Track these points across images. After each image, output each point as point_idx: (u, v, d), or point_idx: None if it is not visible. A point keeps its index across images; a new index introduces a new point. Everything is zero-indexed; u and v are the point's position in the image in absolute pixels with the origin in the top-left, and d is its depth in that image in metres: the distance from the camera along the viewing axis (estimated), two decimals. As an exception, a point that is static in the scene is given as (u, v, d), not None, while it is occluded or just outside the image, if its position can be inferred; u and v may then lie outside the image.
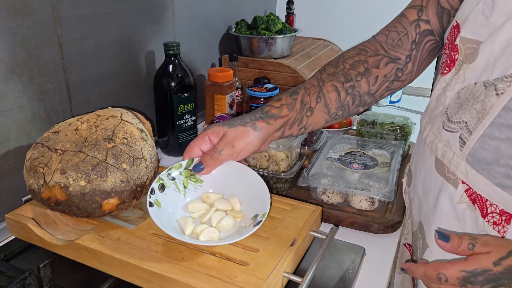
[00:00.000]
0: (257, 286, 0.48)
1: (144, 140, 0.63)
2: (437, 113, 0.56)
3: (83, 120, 0.63)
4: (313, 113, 0.62)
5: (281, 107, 0.60)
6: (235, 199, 0.59)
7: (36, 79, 0.75)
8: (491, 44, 0.47)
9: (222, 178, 0.59)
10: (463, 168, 0.50)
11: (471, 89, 0.49)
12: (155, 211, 0.53)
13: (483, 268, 0.41)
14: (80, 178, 0.56)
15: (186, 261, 0.51)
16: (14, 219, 0.61)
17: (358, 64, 0.63)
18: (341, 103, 0.63)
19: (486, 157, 0.47)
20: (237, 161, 0.58)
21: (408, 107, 1.33)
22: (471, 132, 0.48)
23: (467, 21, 0.51)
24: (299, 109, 0.61)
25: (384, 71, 0.64)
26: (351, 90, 0.63)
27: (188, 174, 0.59)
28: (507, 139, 0.45)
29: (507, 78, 0.44)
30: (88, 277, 0.58)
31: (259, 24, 1.25)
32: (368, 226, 0.71)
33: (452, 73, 0.54)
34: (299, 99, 0.61)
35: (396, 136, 0.93)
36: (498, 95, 0.45)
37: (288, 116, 0.60)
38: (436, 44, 0.63)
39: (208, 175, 0.59)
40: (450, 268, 0.42)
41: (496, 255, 0.41)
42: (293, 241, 0.56)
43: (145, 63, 1.00)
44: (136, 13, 0.95)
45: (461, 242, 0.43)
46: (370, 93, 0.64)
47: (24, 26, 0.71)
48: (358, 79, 0.63)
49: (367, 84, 0.63)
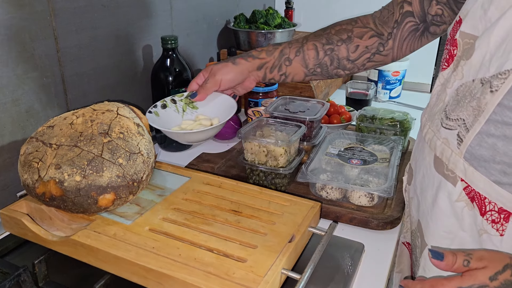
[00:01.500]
0: (255, 282, 0.47)
1: (140, 134, 0.62)
2: (437, 110, 0.56)
3: (78, 114, 0.62)
4: (291, 64, 0.72)
5: (261, 52, 0.73)
6: (216, 119, 0.75)
7: (31, 73, 0.74)
8: (487, 40, 0.47)
9: (211, 105, 0.76)
10: (462, 165, 0.50)
11: (468, 86, 0.49)
12: (152, 117, 0.71)
13: (480, 283, 0.41)
14: (75, 173, 0.55)
15: (183, 257, 0.51)
16: (8, 215, 0.60)
17: (343, 32, 0.71)
18: (319, 61, 0.72)
19: (483, 155, 0.47)
20: (223, 93, 0.76)
21: (408, 103, 1.32)
22: (468, 129, 0.48)
23: (468, 15, 0.51)
24: (277, 56, 0.72)
25: (367, 43, 0.71)
26: (330, 52, 0.71)
27: (188, 102, 0.77)
28: (503, 136, 0.45)
29: (501, 75, 0.44)
30: (83, 273, 0.57)
31: (258, 18, 1.24)
32: (367, 222, 0.70)
33: (451, 69, 0.54)
34: (280, 49, 0.72)
35: (396, 131, 0.92)
36: (493, 92, 0.45)
37: (265, 59, 0.72)
38: (416, 26, 0.68)
39: (201, 103, 0.76)
40: (447, 285, 0.42)
41: (492, 270, 0.41)
42: (291, 237, 0.55)
43: (142, 57, 0.99)
44: (133, 6, 0.93)
45: (456, 259, 0.43)
46: (349, 59, 0.71)
47: (18, 18, 0.70)
48: (338, 44, 0.71)
49: (346, 50, 0.71)
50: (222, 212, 0.60)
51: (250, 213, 0.60)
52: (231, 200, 0.63)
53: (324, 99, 1.22)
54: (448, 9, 0.64)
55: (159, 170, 0.71)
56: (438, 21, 0.66)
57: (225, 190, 0.66)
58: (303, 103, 0.92)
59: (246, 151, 0.79)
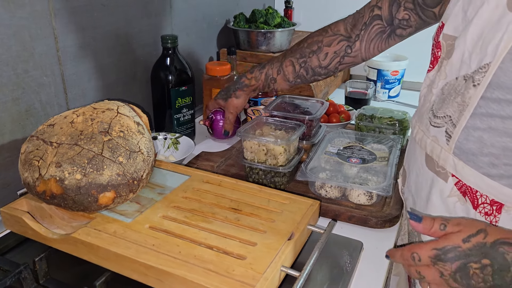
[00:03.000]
0: (254, 279, 0.47)
1: (141, 133, 0.62)
2: (424, 111, 0.57)
3: (79, 113, 0.62)
4: (276, 81, 0.86)
5: (250, 79, 0.88)
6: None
7: (31, 72, 0.74)
8: (464, 38, 0.49)
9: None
10: (451, 161, 0.51)
11: (452, 84, 0.51)
12: None
13: (453, 245, 0.42)
14: (75, 171, 0.55)
15: (183, 254, 0.51)
16: (9, 213, 0.60)
17: (314, 44, 0.81)
18: (297, 73, 0.83)
19: (471, 148, 0.49)
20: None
21: (407, 102, 1.32)
22: (455, 125, 0.50)
23: (449, 18, 0.53)
24: (263, 79, 0.87)
25: (335, 48, 0.79)
26: (304, 64, 0.82)
27: (175, 142, 0.94)
28: (489, 128, 0.47)
29: (481, 69, 0.46)
30: (84, 271, 0.57)
31: (258, 18, 1.24)
32: (366, 220, 0.71)
33: (435, 70, 0.56)
34: (264, 72, 0.87)
35: (395, 130, 0.92)
36: (475, 86, 0.47)
37: (256, 85, 0.88)
38: (383, 29, 0.73)
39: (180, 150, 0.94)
40: (423, 248, 0.43)
41: (466, 233, 0.42)
42: (291, 235, 0.56)
43: (142, 56, 0.99)
44: (133, 5, 0.94)
45: (433, 224, 0.44)
46: (321, 66, 0.81)
47: (18, 17, 0.70)
48: (310, 56, 0.81)
49: (317, 59, 0.80)
50: (222, 210, 0.60)
51: (249, 211, 0.60)
52: (231, 198, 0.64)
53: (323, 98, 1.22)
54: (415, 15, 0.70)
55: (159, 169, 0.72)
56: (405, 25, 0.71)
57: (224, 189, 0.66)
58: (302, 102, 0.93)
59: (245, 149, 0.79)
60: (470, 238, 0.42)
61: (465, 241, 0.42)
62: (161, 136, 0.92)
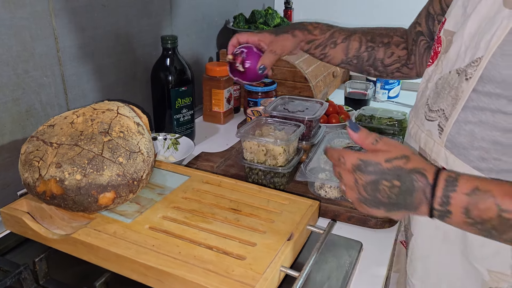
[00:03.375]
0: (254, 280, 0.47)
1: (140, 133, 0.63)
2: (420, 105, 0.58)
3: (79, 113, 0.62)
4: (335, 47, 0.75)
5: (315, 28, 0.75)
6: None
7: (31, 72, 0.74)
8: (461, 33, 0.50)
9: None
10: (443, 154, 0.52)
11: (446, 78, 0.52)
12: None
13: (376, 161, 0.45)
14: (76, 172, 0.55)
15: (183, 255, 0.51)
16: (9, 213, 0.60)
17: (385, 36, 0.75)
18: (359, 53, 0.75)
19: (462, 142, 0.49)
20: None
21: (406, 103, 1.32)
22: (447, 118, 0.51)
23: (451, 14, 0.54)
24: (327, 37, 0.75)
25: (400, 53, 0.75)
26: (370, 50, 0.75)
27: (175, 142, 0.92)
28: (479, 121, 0.47)
29: (474, 63, 0.47)
30: (84, 271, 0.58)
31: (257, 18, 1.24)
32: (365, 220, 0.71)
33: (434, 65, 0.57)
34: (331, 31, 0.75)
35: (394, 131, 0.93)
36: (467, 79, 0.47)
37: (317, 37, 0.75)
38: (428, 44, 0.71)
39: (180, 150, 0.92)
40: (351, 155, 0.47)
41: (391, 155, 0.45)
42: (290, 235, 0.56)
43: (142, 57, 0.99)
44: (133, 6, 0.94)
45: (368, 137, 0.48)
46: (383, 63, 0.75)
47: (19, 18, 0.70)
48: (379, 46, 0.75)
49: (383, 53, 0.75)
50: (222, 211, 0.60)
51: (249, 211, 0.61)
52: (231, 198, 0.64)
53: (323, 99, 1.23)
54: None
55: (159, 169, 0.72)
56: None
57: (224, 189, 0.66)
58: (302, 103, 0.93)
59: (245, 150, 0.79)
60: (393, 160, 0.45)
61: (387, 161, 0.45)
62: (161, 137, 0.92)
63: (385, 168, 0.45)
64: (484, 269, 0.51)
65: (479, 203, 0.40)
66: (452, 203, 0.42)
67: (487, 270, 0.51)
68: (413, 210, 0.45)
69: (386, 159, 0.45)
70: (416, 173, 0.44)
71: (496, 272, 0.50)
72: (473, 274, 0.53)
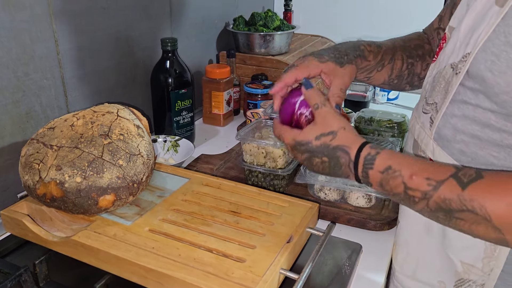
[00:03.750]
0: (253, 282, 0.48)
1: (140, 136, 0.63)
2: (421, 98, 0.60)
3: (79, 116, 0.62)
4: (382, 70, 0.66)
5: (370, 53, 0.64)
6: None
7: (32, 75, 0.74)
8: (458, 29, 0.51)
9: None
10: (431, 146, 0.53)
11: (441, 72, 0.53)
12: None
13: (307, 140, 0.50)
14: (76, 174, 0.55)
15: (183, 257, 0.51)
16: (9, 216, 0.60)
17: (420, 48, 0.68)
18: (401, 72, 0.67)
19: (447, 134, 0.51)
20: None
21: (406, 105, 1.33)
22: (437, 111, 0.52)
23: (456, 11, 0.55)
24: (378, 61, 0.65)
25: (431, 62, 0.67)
26: (410, 66, 0.67)
27: (174, 144, 0.93)
28: (463, 115, 0.49)
29: (463, 58, 0.48)
30: (84, 273, 0.58)
31: (257, 21, 1.24)
32: (365, 223, 0.71)
33: (437, 60, 0.58)
34: (381, 53, 0.65)
35: (394, 133, 0.93)
36: (457, 74, 0.49)
37: (370, 63, 0.64)
38: None
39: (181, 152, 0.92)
40: (288, 136, 0.52)
41: (320, 131, 0.49)
42: (290, 238, 0.56)
43: (142, 59, 1.00)
44: (132, 9, 0.94)
45: (315, 98, 0.51)
46: (419, 77, 0.68)
47: (19, 21, 0.70)
48: (417, 60, 0.68)
49: (420, 67, 0.68)
50: (221, 213, 0.61)
51: (249, 214, 0.61)
52: (230, 201, 0.64)
53: (322, 101, 1.23)
54: None
55: (159, 172, 0.72)
56: None
57: (224, 191, 0.66)
58: (301, 105, 0.93)
59: (245, 152, 0.79)
60: (321, 137, 0.49)
61: (316, 139, 0.49)
62: (160, 139, 0.93)
63: (314, 146, 0.49)
64: (458, 260, 0.52)
65: (389, 180, 0.45)
66: (370, 178, 0.47)
67: (460, 261, 0.52)
68: (346, 178, 0.51)
69: (316, 136, 0.49)
70: (340, 150, 0.48)
71: (468, 264, 0.52)
72: (448, 264, 0.54)
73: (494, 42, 0.43)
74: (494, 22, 0.44)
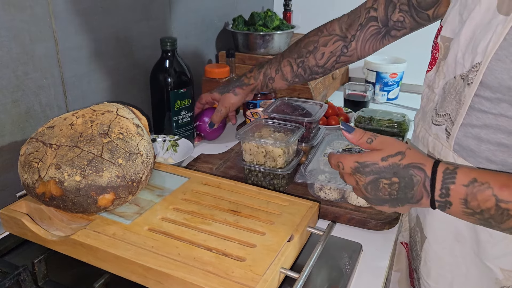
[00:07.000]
0: (254, 281, 0.47)
1: (140, 135, 0.63)
2: (428, 110, 0.60)
3: (78, 115, 0.62)
4: (274, 81, 0.88)
5: (250, 78, 0.90)
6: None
7: (31, 74, 0.74)
8: (457, 39, 0.51)
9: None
10: (451, 157, 0.53)
11: (451, 83, 0.53)
12: None
13: (372, 161, 0.47)
14: (75, 173, 0.55)
15: (182, 256, 0.51)
16: (8, 215, 0.60)
17: (310, 44, 0.83)
18: (294, 73, 0.85)
19: (470, 144, 0.50)
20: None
21: (406, 104, 1.33)
22: (453, 122, 0.52)
23: (447, 21, 0.55)
24: (262, 79, 0.88)
25: (331, 48, 0.81)
26: (302, 64, 0.84)
27: (174, 144, 0.93)
28: (484, 125, 0.48)
29: (473, 68, 0.48)
30: (83, 272, 0.57)
31: (257, 21, 1.24)
32: (365, 222, 0.71)
33: (433, 71, 0.59)
34: (263, 72, 0.88)
35: (394, 132, 0.93)
36: (469, 84, 0.49)
37: (254, 84, 0.89)
38: (378, 30, 0.75)
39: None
40: (348, 159, 0.49)
41: (386, 153, 0.47)
42: (290, 237, 0.56)
43: (141, 59, 1.00)
44: (132, 9, 0.94)
45: (363, 136, 0.49)
46: (318, 65, 0.83)
47: (18, 20, 0.70)
48: (307, 56, 0.83)
49: (314, 59, 0.82)
50: (221, 212, 0.60)
51: (249, 213, 0.61)
52: (230, 200, 0.64)
53: (322, 101, 1.23)
54: (409, 17, 0.71)
55: (158, 171, 0.72)
56: (399, 26, 0.73)
57: (224, 191, 0.66)
58: (301, 104, 0.93)
59: (244, 152, 0.79)
60: (388, 158, 0.46)
61: (383, 160, 0.46)
62: (160, 138, 0.92)
63: (381, 166, 0.46)
64: (497, 268, 0.51)
65: (477, 194, 0.41)
66: (452, 195, 0.43)
67: (500, 268, 0.51)
68: (416, 203, 0.47)
69: (382, 157, 0.46)
70: (413, 168, 0.45)
71: (508, 271, 0.51)
72: (486, 273, 0.53)
73: (509, 51, 0.43)
74: (502, 31, 0.44)
